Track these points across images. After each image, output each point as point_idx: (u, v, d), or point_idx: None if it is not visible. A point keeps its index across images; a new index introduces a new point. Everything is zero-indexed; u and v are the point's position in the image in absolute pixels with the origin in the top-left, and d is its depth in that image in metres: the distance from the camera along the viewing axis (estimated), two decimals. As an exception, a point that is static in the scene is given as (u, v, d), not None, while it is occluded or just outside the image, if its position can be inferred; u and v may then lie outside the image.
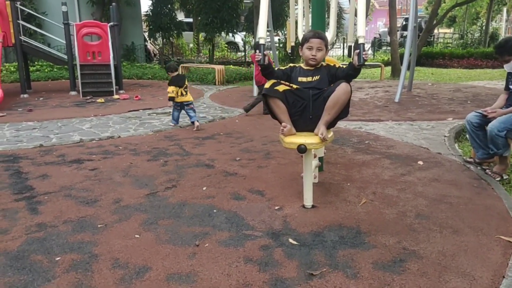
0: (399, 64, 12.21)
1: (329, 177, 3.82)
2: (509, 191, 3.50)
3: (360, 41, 3.00)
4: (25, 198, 3.39)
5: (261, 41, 3.10)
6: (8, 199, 3.39)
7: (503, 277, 2.22)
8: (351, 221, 2.92)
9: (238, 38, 21.29)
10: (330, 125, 3.10)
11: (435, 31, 22.01)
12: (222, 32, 16.11)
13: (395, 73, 12.72)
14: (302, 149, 2.90)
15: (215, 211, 3.12)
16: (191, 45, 20.67)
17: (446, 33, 25.97)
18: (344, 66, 3.13)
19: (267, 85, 3.04)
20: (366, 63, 3.00)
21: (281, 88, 3.02)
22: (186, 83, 6.01)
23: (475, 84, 10.95)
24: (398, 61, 12.76)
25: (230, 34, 16.90)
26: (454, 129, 5.74)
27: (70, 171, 4.11)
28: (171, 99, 5.94)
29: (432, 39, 21.02)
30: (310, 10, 4.06)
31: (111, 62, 9.36)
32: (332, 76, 3.12)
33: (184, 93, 5.93)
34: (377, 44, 22.56)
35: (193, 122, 5.99)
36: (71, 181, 3.81)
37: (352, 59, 3.03)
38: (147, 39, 17.41)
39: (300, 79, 3.15)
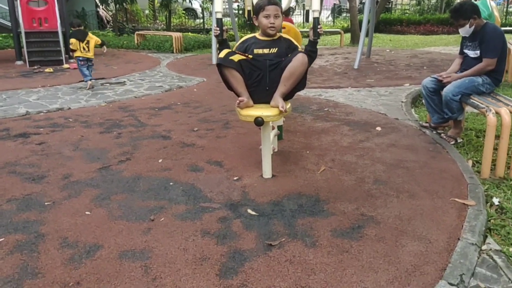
0: (359, 30, 12.20)
1: (289, 146, 3.77)
2: (463, 154, 3.58)
3: (315, 15, 2.97)
4: (-36, 177, 3.15)
5: (219, 15, 3.10)
6: None
7: (458, 239, 2.26)
8: (310, 189, 2.89)
9: (196, 4, 20.56)
10: (287, 97, 3.02)
11: (393, -3, 22.13)
12: (179, -2, 15.51)
13: (355, 40, 12.74)
14: (259, 121, 2.83)
15: (171, 184, 3.01)
16: (147, 11, 19.80)
17: (403, -1, 26.14)
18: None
19: (222, 54, 2.90)
20: (326, 30, 2.98)
21: (236, 58, 2.89)
22: (89, 38, 6.38)
23: (431, 50, 11.15)
24: (357, 27, 12.75)
25: (188, 0, 16.28)
26: (411, 95, 5.82)
27: (15, 146, 3.85)
28: (73, 51, 6.34)
29: (390, 6, 21.13)
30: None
31: (59, 29, 8.79)
32: (292, 52, 3.01)
33: (87, 48, 6.34)
34: (336, 10, 22.46)
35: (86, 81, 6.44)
36: (16, 156, 3.57)
37: (309, 34, 3.02)
38: (99, 4, 16.48)
39: (256, 51, 3.02)
